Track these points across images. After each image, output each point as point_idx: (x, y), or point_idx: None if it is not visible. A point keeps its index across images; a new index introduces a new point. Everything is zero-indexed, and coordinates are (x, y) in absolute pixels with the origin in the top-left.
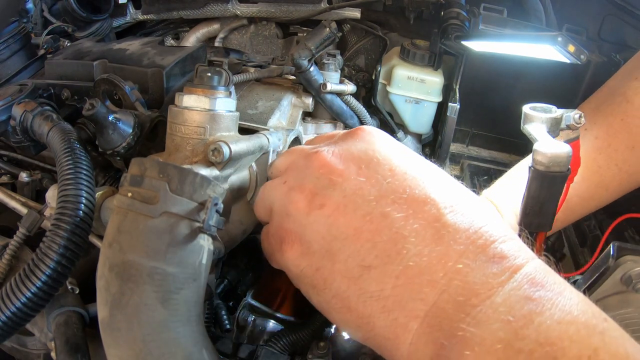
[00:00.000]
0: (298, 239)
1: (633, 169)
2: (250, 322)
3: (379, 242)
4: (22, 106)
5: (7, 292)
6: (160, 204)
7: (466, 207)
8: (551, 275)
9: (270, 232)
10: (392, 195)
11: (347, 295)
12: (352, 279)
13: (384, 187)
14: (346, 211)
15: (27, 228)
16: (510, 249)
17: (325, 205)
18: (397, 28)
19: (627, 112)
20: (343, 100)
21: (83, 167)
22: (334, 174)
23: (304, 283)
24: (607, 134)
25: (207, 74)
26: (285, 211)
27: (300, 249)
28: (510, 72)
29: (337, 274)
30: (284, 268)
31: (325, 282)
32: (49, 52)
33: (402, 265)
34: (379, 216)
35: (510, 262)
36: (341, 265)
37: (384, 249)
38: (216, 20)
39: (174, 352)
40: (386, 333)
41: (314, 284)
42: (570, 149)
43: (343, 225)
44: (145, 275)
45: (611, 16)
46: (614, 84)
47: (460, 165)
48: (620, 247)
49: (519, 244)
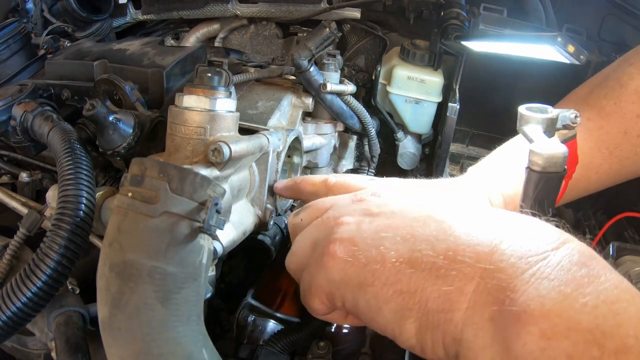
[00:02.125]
0: (347, 240)
1: (624, 154)
2: (250, 322)
3: (426, 229)
4: (22, 106)
5: (8, 292)
6: (160, 204)
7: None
8: (598, 255)
9: (312, 259)
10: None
11: (398, 278)
12: (402, 262)
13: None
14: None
15: (27, 228)
16: (553, 227)
17: (373, 222)
18: (397, 28)
19: (620, 97)
20: (343, 100)
21: (83, 167)
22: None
23: (350, 285)
24: (599, 117)
25: (207, 75)
26: (330, 234)
27: (346, 251)
28: (510, 72)
29: (387, 261)
30: (322, 281)
31: (374, 274)
32: (49, 52)
33: (452, 237)
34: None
35: (557, 236)
36: (391, 253)
37: (430, 231)
38: (216, 20)
39: (174, 351)
40: (440, 304)
41: (361, 280)
42: (566, 149)
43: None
44: (146, 274)
45: (611, 16)
46: (609, 70)
47: (460, 165)
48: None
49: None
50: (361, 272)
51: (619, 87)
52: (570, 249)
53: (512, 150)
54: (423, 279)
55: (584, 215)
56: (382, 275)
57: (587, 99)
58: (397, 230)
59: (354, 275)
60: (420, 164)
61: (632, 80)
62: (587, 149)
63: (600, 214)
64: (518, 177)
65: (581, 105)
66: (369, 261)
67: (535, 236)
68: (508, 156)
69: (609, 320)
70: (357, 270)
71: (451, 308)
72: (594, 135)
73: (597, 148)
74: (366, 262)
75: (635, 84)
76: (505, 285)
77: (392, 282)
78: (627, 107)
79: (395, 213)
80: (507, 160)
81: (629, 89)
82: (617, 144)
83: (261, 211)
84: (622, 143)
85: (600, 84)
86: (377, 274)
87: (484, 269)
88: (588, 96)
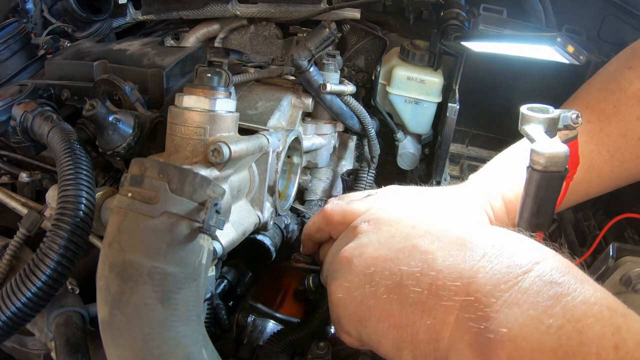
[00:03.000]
0: (342, 279)
1: (625, 157)
2: (250, 322)
3: (411, 263)
4: (22, 106)
5: (8, 292)
6: (160, 204)
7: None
8: (573, 267)
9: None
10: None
11: (391, 313)
12: (393, 298)
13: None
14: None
15: (27, 228)
16: (530, 244)
17: (362, 255)
18: (397, 28)
19: (620, 100)
20: (343, 100)
21: (83, 167)
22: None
23: (352, 321)
24: (599, 119)
25: (207, 75)
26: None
27: (342, 290)
28: (510, 72)
29: (379, 297)
30: (334, 318)
31: (370, 310)
32: (49, 52)
33: (434, 271)
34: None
35: (532, 256)
36: (381, 289)
37: (415, 265)
38: (216, 20)
39: (173, 351)
40: (428, 335)
41: (360, 316)
42: (567, 149)
43: (380, 261)
44: (145, 274)
45: (611, 16)
46: (608, 73)
47: (460, 166)
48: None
49: (537, 242)
50: (358, 309)
51: (619, 90)
52: (542, 269)
53: (511, 156)
54: (412, 314)
55: (583, 215)
56: (376, 311)
57: (587, 102)
58: (384, 263)
59: (353, 312)
60: (420, 164)
61: (631, 84)
62: (588, 151)
63: (600, 214)
64: (518, 180)
65: (581, 109)
66: (363, 298)
67: (510, 259)
68: (508, 161)
69: (572, 339)
70: (354, 307)
71: (437, 338)
72: (594, 138)
73: (597, 151)
74: (361, 299)
75: (635, 88)
76: (481, 314)
77: (386, 317)
78: (627, 110)
79: (382, 244)
80: (507, 165)
81: (628, 93)
82: (617, 147)
83: (261, 211)
84: (622, 146)
85: (600, 87)
86: (372, 310)
87: (462, 301)
88: (587, 99)
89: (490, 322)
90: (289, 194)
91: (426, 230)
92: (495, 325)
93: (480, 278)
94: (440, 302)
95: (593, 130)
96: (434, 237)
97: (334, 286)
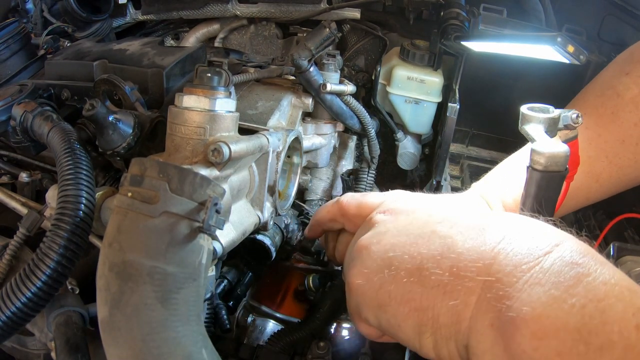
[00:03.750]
0: (360, 265)
1: (623, 162)
2: (250, 322)
3: (431, 247)
4: (22, 106)
5: (8, 292)
6: (160, 204)
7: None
8: (592, 250)
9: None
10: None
11: (411, 297)
12: (413, 281)
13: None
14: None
15: (27, 228)
16: (549, 228)
17: (380, 242)
18: (397, 28)
19: (617, 106)
20: (343, 100)
21: (83, 167)
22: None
23: (371, 306)
24: (597, 125)
25: (207, 75)
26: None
27: (361, 276)
28: (510, 72)
29: (399, 281)
30: (352, 306)
31: (390, 294)
32: (49, 52)
33: (455, 253)
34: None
35: (551, 238)
36: (401, 273)
37: (435, 248)
38: (216, 20)
39: (173, 351)
40: (449, 317)
41: (380, 301)
42: (568, 149)
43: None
44: (145, 274)
45: (611, 16)
46: (605, 78)
47: (460, 166)
48: (620, 247)
49: (554, 227)
50: (378, 294)
51: (616, 96)
52: (562, 251)
53: (511, 163)
54: (433, 297)
55: (583, 215)
56: (397, 295)
57: (584, 108)
58: (404, 248)
59: (373, 297)
60: (420, 164)
61: (628, 90)
62: (587, 157)
63: (600, 214)
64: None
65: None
66: (383, 282)
67: (530, 241)
68: (507, 168)
69: (595, 318)
70: (374, 292)
71: (458, 320)
72: (592, 144)
73: (596, 156)
74: (380, 284)
75: (632, 94)
76: (502, 294)
77: (406, 301)
78: (624, 116)
79: (401, 231)
80: (507, 172)
81: (625, 99)
82: (615, 153)
83: (261, 211)
84: (620, 151)
85: (597, 93)
86: (392, 294)
87: (484, 281)
88: (585, 105)
89: (513, 301)
90: (289, 194)
91: (444, 217)
92: (518, 304)
93: (502, 259)
94: (463, 283)
95: (591, 136)
96: (452, 223)
97: (352, 273)
